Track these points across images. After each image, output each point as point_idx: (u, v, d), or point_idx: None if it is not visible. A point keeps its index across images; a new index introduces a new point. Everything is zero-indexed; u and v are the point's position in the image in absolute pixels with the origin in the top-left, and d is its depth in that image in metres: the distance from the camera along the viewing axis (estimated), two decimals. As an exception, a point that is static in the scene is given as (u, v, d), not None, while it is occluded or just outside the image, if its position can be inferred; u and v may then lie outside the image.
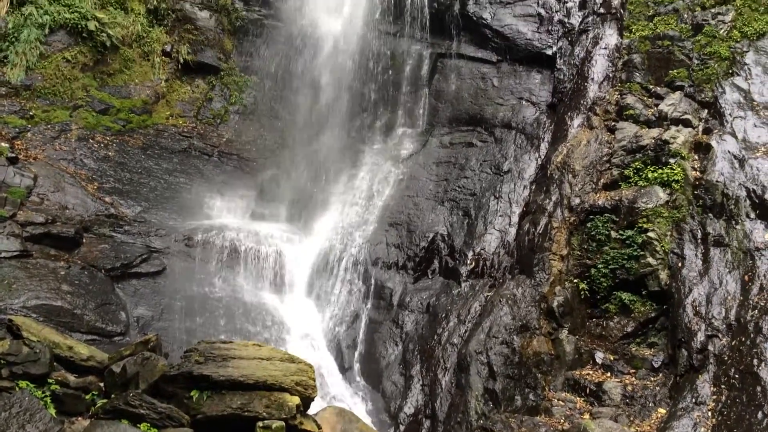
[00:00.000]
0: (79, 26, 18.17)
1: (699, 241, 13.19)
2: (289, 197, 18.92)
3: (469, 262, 15.93)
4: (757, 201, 12.96)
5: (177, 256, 16.08)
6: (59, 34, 18.09)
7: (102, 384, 8.75)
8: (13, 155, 15.82)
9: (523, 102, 17.92)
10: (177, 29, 20.29)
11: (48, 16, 17.74)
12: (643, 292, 13.43)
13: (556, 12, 17.85)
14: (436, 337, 14.89)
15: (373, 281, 16.52)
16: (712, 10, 15.32)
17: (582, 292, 13.92)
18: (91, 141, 17.70)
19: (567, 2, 17.82)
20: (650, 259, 13.38)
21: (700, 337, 12.20)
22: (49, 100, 17.72)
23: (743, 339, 11.75)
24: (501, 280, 15.12)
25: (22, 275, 13.94)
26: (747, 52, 14.53)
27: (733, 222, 13.00)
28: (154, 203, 17.36)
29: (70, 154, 17.13)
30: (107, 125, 18.16)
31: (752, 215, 12.89)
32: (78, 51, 18.31)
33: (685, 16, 15.56)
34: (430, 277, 16.33)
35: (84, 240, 15.41)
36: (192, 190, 18.21)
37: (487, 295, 14.97)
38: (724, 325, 12.11)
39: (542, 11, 18.02)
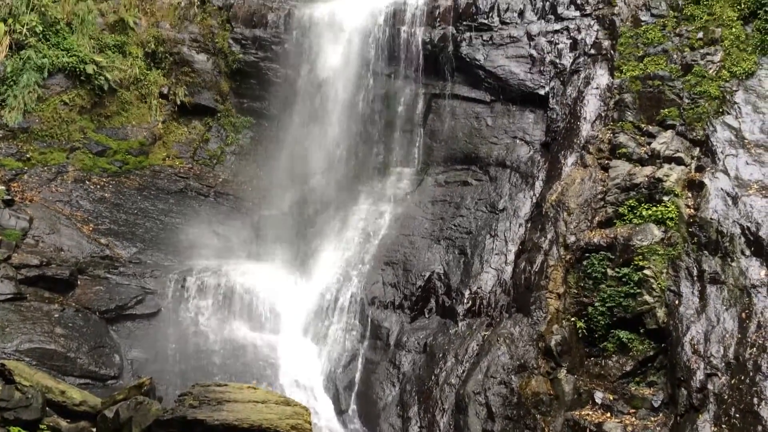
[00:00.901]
0: (78, 70, 18.42)
1: (695, 278, 13.19)
2: (285, 237, 18.93)
3: (465, 300, 15.88)
4: (751, 238, 13.00)
5: (172, 298, 16.01)
6: (57, 78, 18.32)
7: (95, 429, 8.64)
8: (9, 197, 15.87)
9: (517, 141, 18.08)
10: (174, 72, 20.57)
11: (47, 60, 17.99)
12: (641, 330, 13.36)
13: (548, 53, 18.13)
14: (433, 377, 14.75)
15: (369, 321, 16.42)
16: (701, 51, 15.58)
17: (580, 331, 13.85)
18: (87, 182, 17.78)
19: (558, 44, 18.12)
20: (647, 297, 13.35)
21: (700, 375, 12.10)
22: (47, 143, 17.85)
23: (743, 377, 11.66)
24: (498, 319, 15.05)
25: (15, 318, 13.85)
26: (736, 91, 14.74)
27: (729, 259, 13.01)
28: (149, 244, 17.36)
29: (67, 195, 17.19)
30: (104, 167, 18.26)
31: (747, 252, 12.91)
32: (76, 94, 18.53)
33: (675, 56, 15.83)
34: (427, 316, 16.26)
35: (79, 282, 15.36)
36: (188, 230, 18.23)
37: (485, 335, 14.88)
38: (723, 364, 12.02)
39: (534, 52, 18.31)
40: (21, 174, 16.97)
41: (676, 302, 13.09)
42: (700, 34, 15.70)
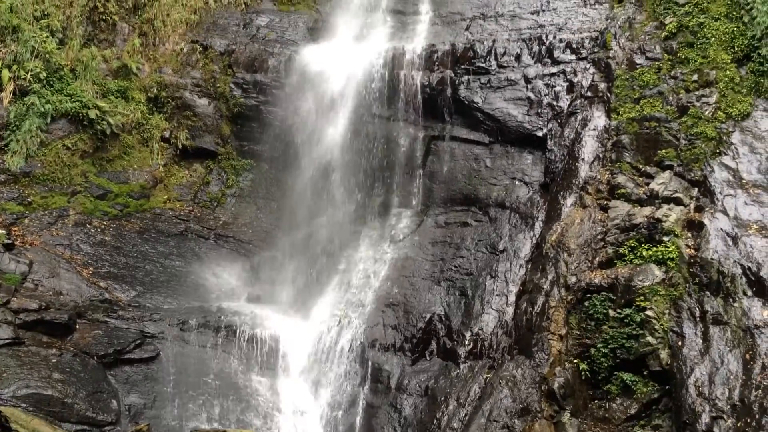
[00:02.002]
0: (81, 115, 18.64)
1: (698, 319, 13.11)
2: (285, 279, 18.89)
3: (467, 342, 15.76)
4: (753, 278, 12.98)
5: (171, 341, 15.87)
6: (60, 123, 18.52)
7: (91, 479, 8.47)
8: (10, 241, 15.88)
9: (516, 182, 18.19)
10: (176, 116, 20.81)
11: (50, 106, 18.21)
12: (645, 372, 13.23)
13: (545, 95, 18.38)
14: (435, 421, 14.54)
15: (370, 364, 16.26)
16: (696, 93, 15.80)
17: (583, 373, 13.70)
18: (88, 226, 17.81)
19: (555, 86, 18.38)
20: (650, 338, 13.26)
21: (705, 418, 11.94)
22: (48, 187, 17.95)
23: (748, 420, 11.51)
24: (500, 361, 14.91)
25: (12, 363, 13.72)
26: (733, 132, 14.90)
27: (731, 300, 12.97)
28: (149, 287, 17.30)
29: (67, 239, 17.20)
30: (105, 210, 18.33)
31: (749, 293, 12.88)
32: (78, 138, 18.71)
33: (670, 98, 16.04)
34: (428, 358, 16.11)
35: (77, 326, 15.25)
36: (188, 273, 18.20)
37: (487, 377, 14.73)
38: (729, 406, 11.88)
39: (531, 95, 18.56)
40: (22, 218, 17.02)
41: (680, 343, 13.00)
42: (695, 77, 15.94)
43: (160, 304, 16.87)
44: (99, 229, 17.90)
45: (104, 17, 20.75)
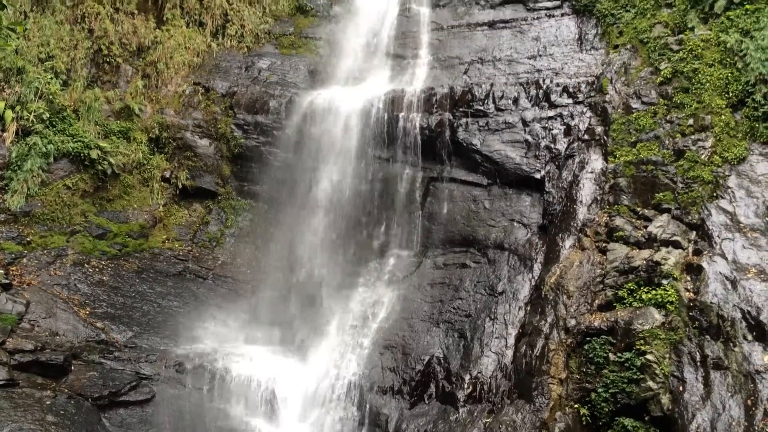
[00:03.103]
0: (82, 155, 18.78)
1: (698, 363, 13.01)
2: (283, 320, 18.76)
3: (466, 386, 15.59)
4: (753, 323, 12.93)
5: (167, 383, 15.70)
6: (62, 162, 18.65)
7: None
8: (7, 281, 15.83)
9: (515, 224, 18.24)
10: (177, 156, 20.96)
11: (52, 146, 18.35)
12: (646, 418, 13.05)
13: (543, 138, 18.56)
14: (434, 467, 14.30)
15: (368, 407, 16.06)
16: (692, 137, 15.96)
17: (583, 418, 13.53)
18: (86, 266, 17.77)
19: (552, 129, 18.58)
20: (651, 383, 13.12)
21: (708, 466, 11.77)
22: (47, 226, 17.97)
23: (752, 468, 11.34)
24: (500, 405, 14.73)
25: (6, 405, 13.55)
26: (729, 176, 15.02)
27: (731, 344, 12.89)
28: (146, 328, 17.18)
29: (65, 279, 17.15)
30: (103, 250, 18.31)
31: (749, 337, 12.82)
32: (79, 178, 18.81)
33: (667, 142, 16.21)
34: (426, 402, 15.91)
35: (72, 367, 15.11)
36: (185, 313, 18.09)
37: (486, 422, 14.53)
38: (732, 453, 11.72)
39: (529, 137, 18.74)
40: (20, 257, 17.00)
41: (680, 388, 12.87)
42: (691, 121, 16.13)
43: (156, 345, 16.73)
44: (97, 269, 17.85)
45: (108, 59, 21.08)
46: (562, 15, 20.51)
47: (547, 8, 20.90)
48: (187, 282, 18.93)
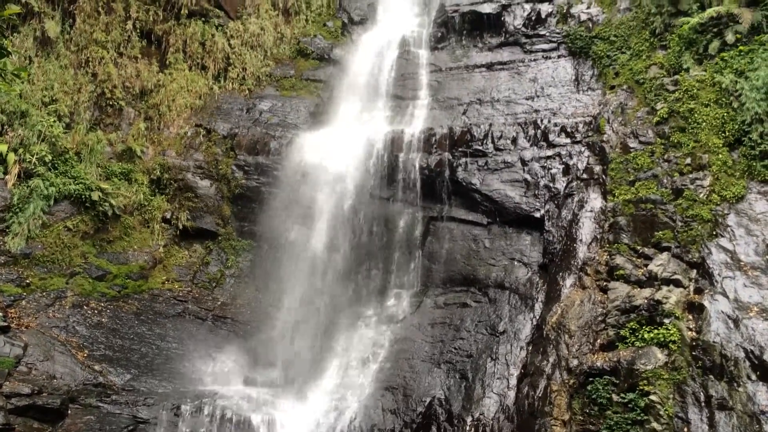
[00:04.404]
0: (83, 196, 18.86)
1: (702, 404, 12.83)
2: (282, 361, 18.60)
3: (468, 428, 15.37)
4: (756, 362, 12.79)
5: (165, 427, 15.50)
6: (63, 204, 18.72)
7: None
8: (5, 324, 15.75)
9: (515, 262, 18.20)
10: (178, 197, 21.05)
11: (53, 188, 18.44)
12: (652, 461, 12.83)
13: (542, 177, 18.66)
14: None
15: (369, 451, 15.81)
16: (690, 176, 16.03)
17: (587, 461, 13.29)
18: (85, 308, 17.70)
19: (551, 168, 18.69)
20: (655, 424, 12.92)
21: None
22: (47, 268, 17.95)
23: None
24: (502, 449, 14.49)
25: (1, 451, 13.36)
26: (728, 214, 15.03)
27: (735, 384, 12.73)
28: (144, 370, 17.02)
29: (63, 321, 17.06)
30: (103, 291, 18.25)
31: (753, 377, 12.66)
32: (80, 220, 18.87)
33: (665, 181, 16.27)
34: (428, 445, 15.67)
35: (69, 411, 14.94)
36: (184, 355, 17.94)
37: (489, 465, 14.28)
38: (740, 497, 11.47)
39: (528, 177, 18.84)
40: (19, 300, 16.94)
41: (685, 430, 12.66)
42: (688, 160, 16.22)
43: (154, 388, 16.55)
44: (96, 311, 17.77)
45: (111, 102, 21.35)
46: (559, 57, 20.84)
47: (544, 50, 21.23)
48: (186, 323, 18.82)
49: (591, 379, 13.99)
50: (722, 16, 16.98)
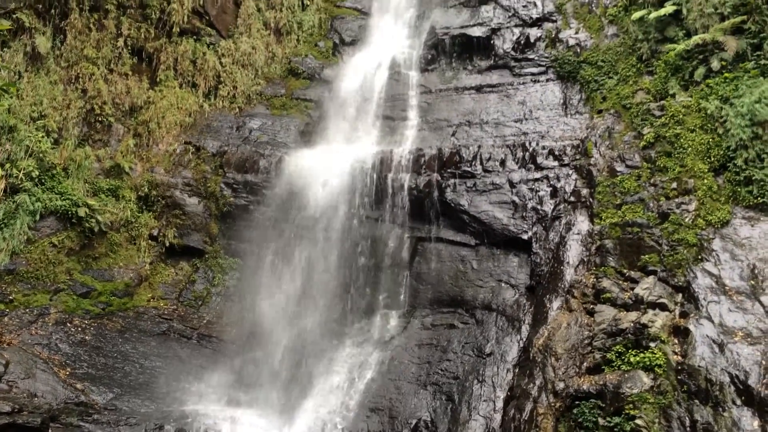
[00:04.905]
0: (70, 212, 18.74)
1: (688, 428, 12.83)
2: (267, 381, 18.44)
3: (454, 451, 15.25)
4: (741, 387, 12.82)
5: (147, 448, 15.29)
6: (49, 220, 18.59)
7: None
8: (-13, 340, 15.54)
9: (503, 284, 18.23)
10: (165, 214, 20.97)
11: (39, 203, 18.33)
12: (637, 485, 12.79)
13: (530, 200, 18.76)
14: None
15: (353, 473, 15.65)
16: (676, 200, 16.17)
17: (573, 486, 13.23)
18: (68, 325, 17.51)
19: (539, 191, 18.80)
20: (641, 449, 12.91)
21: None
22: (31, 284, 17.77)
23: None
24: (488, 472, 14.39)
25: (-22, 471, 13.11)
26: (713, 239, 15.15)
27: (720, 409, 12.74)
28: (127, 389, 16.81)
29: (46, 338, 16.87)
30: (87, 308, 18.08)
31: (738, 402, 12.68)
32: (66, 236, 18.73)
33: (651, 204, 16.40)
34: (413, 468, 15.54)
35: (50, 430, 14.70)
36: (168, 374, 17.75)
37: (474, 489, 14.17)
38: None
39: (516, 199, 18.93)
40: (2, 316, 16.75)
41: (671, 454, 12.65)
42: (674, 185, 16.37)
43: (137, 408, 16.34)
44: (80, 328, 17.58)
45: (100, 119, 21.30)
46: (547, 80, 21.06)
47: (533, 74, 21.44)
48: (171, 342, 18.65)
49: (577, 402, 13.98)
50: (707, 44, 17.24)
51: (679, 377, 13.49)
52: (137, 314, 18.81)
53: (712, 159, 16.21)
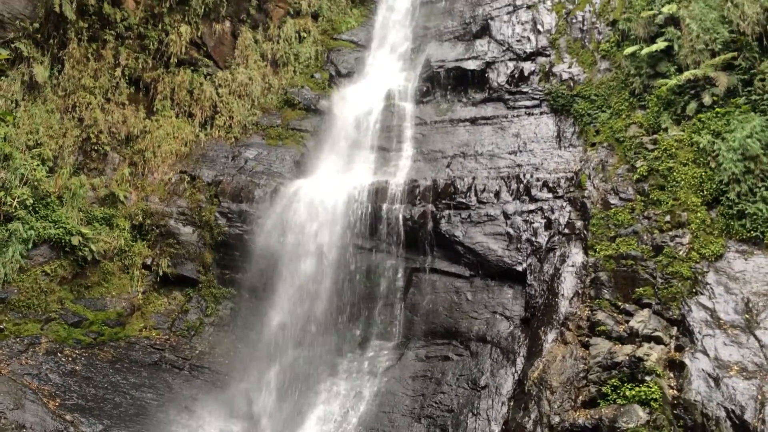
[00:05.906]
0: (63, 241, 18.66)
1: (685, 464, 12.72)
2: (261, 413, 18.23)
3: (448, 486, 15.04)
4: (737, 422, 12.74)
5: (135, 482, 15.02)
6: (42, 249, 18.50)
7: None
8: (-24, 370, 15.33)
9: (497, 316, 18.17)
10: (159, 243, 20.90)
11: (33, 232, 18.25)
12: None
13: (524, 231, 18.80)
14: None
15: None
16: (670, 233, 16.25)
17: None
18: (59, 355, 17.31)
19: (533, 223, 18.86)
20: (637, 485, 12.76)
21: None
22: (22, 313, 17.61)
23: None
24: (483, 508, 14.17)
25: (-37, 505, 12.83)
26: (707, 272, 15.19)
27: (717, 444, 12.66)
28: (116, 421, 16.57)
29: (36, 368, 16.65)
30: (78, 338, 17.89)
31: (735, 437, 12.61)
32: (58, 264, 18.62)
33: (645, 237, 16.47)
34: (407, 503, 15.30)
35: (37, 463, 14.44)
36: (158, 406, 17.52)
37: None
38: None
39: (511, 230, 18.98)
40: (-8, 346, 16.57)
41: (668, 491, 12.51)
42: (668, 218, 16.46)
43: (126, 440, 16.11)
44: (70, 358, 17.38)
45: (96, 147, 21.35)
46: (541, 113, 21.27)
47: (527, 107, 21.66)
48: (162, 372, 18.44)
49: (573, 437, 13.85)
50: (699, 79, 17.50)
51: (675, 412, 13.41)
52: (129, 344, 18.62)
53: (705, 192, 16.33)
